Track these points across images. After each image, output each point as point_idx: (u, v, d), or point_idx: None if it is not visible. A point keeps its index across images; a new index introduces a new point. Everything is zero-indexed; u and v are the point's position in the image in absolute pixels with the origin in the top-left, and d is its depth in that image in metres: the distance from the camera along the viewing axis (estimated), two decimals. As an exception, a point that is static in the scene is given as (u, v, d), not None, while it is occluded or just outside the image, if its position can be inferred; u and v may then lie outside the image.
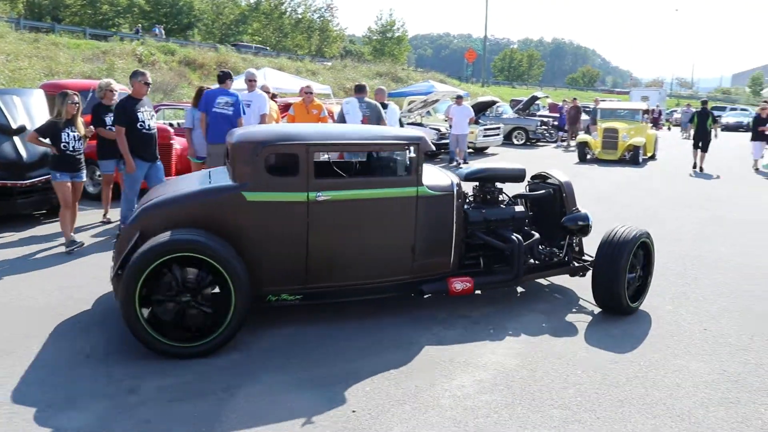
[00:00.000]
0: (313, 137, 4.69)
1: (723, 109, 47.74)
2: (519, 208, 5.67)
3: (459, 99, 16.94)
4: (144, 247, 4.12)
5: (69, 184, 6.89)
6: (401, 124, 11.06)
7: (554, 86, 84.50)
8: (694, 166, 16.38)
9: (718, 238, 8.21)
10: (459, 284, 5.00)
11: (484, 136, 19.39)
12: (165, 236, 4.16)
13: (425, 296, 5.19)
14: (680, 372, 4.09)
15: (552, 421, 3.46)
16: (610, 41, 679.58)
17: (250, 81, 9.44)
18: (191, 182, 4.91)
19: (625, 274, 4.98)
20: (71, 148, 6.84)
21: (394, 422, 3.44)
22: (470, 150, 18.90)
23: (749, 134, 18.01)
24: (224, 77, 8.73)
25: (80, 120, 7.05)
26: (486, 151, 20.31)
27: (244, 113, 8.74)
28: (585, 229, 5.60)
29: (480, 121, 20.61)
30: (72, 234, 6.92)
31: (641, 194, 11.69)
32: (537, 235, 5.58)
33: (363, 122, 9.33)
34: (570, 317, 5.09)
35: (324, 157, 6.11)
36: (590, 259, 5.64)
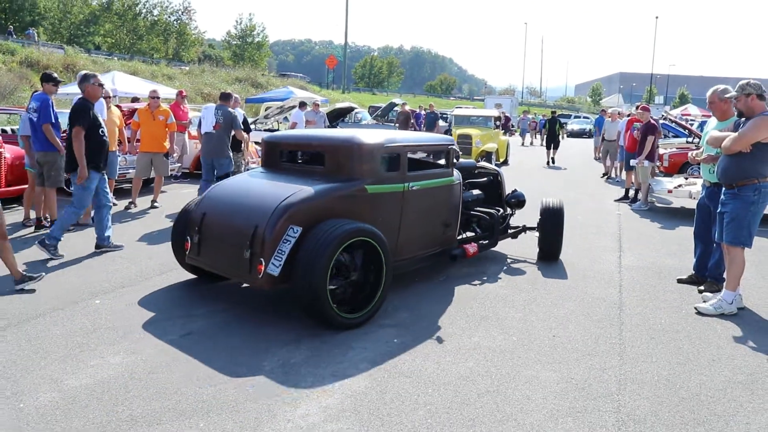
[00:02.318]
0: (406, 141, 5.89)
1: (569, 116, 50.86)
2: (478, 191, 7.43)
3: (303, 105, 16.77)
4: (330, 235, 4.76)
5: None
6: (247, 128, 10.86)
7: (413, 93, 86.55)
8: (548, 162, 21.04)
9: (565, 240, 8.48)
10: (471, 249, 6.53)
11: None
12: (346, 224, 4.91)
13: (455, 260, 6.45)
14: (530, 383, 4.04)
15: (401, 448, 3.27)
16: (466, 51, 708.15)
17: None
18: (262, 185, 5.54)
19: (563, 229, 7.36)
20: None
21: (229, 463, 3.10)
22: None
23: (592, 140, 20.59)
24: (45, 79, 7.93)
25: None
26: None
27: (55, 119, 7.87)
28: (522, 204, 7.57)
29: (338, 127, 20.49)
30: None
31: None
32: (501, 210, 7.45)
33: (215, 128, 9.45)
34: (420, 331, 4.93)
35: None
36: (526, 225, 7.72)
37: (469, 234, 7.01)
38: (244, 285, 5.94)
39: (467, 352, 4.53)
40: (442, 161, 6.47)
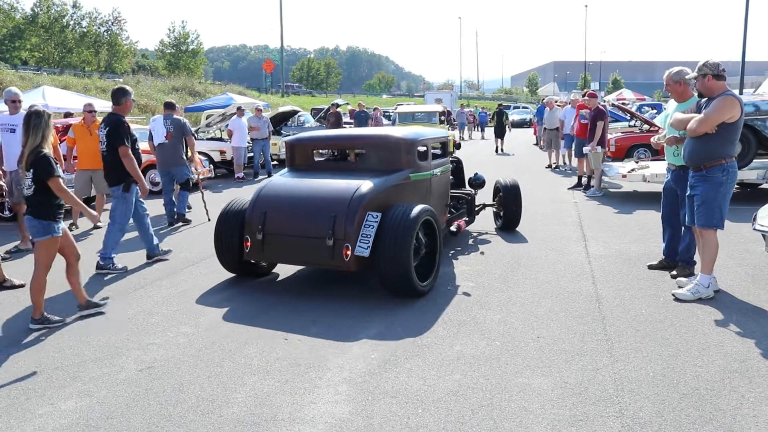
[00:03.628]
0: (428, 135, 6.94)
1: (509, 107, 51.39)
2: (451, 177, 8.02)
3: (240, 111, 16.28)
4: (412, 214, 5.56)
5: None
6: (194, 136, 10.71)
7: (353, 93, 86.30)
8: (496, 150, 23.81)
9: (527, 234, 8.34)
10: (463, 224, 7.48)
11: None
12: (415, 207, 5.69)
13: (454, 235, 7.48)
14: (524, 392, 3.78)
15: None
16: (402, 48, 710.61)
17: (13, 102, 8.12)
18: (325, 181, 6.14)
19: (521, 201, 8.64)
20: None
21: None
22: (275, 162, 18.30)
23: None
24: None
25: None
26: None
27: None
28: (483, 185, 8.58)
29: (282, 131, 20.04)
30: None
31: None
32: (473, 190, 8.51)
33: (167, 138, 9.59)
34: (398, 344, 4.63)
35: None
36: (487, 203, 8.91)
37: (448, 214, 7.77)
38: (203, 306, 5.55)
39: (451, 363, 4.24)
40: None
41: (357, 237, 5.49)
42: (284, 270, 6.79)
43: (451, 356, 4.35)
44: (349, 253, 5.46)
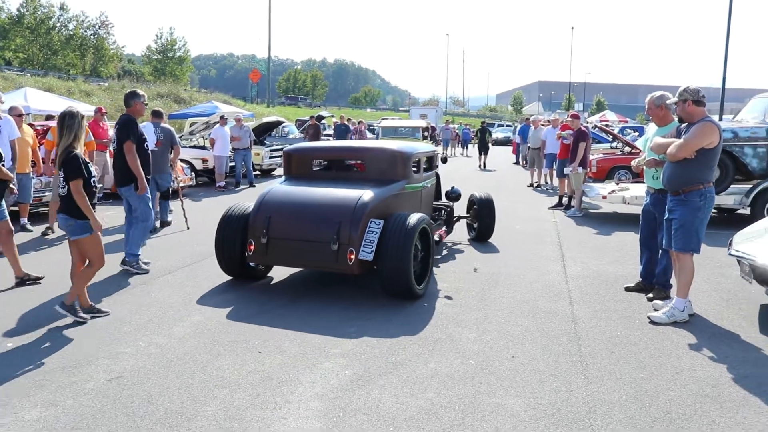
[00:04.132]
0: (420, 150, 7.48)
1: (493, 125, 51.69)
2: None
3: (224, 120, 16.21)
4: (411, 222, 5.98)
5: None
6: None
7: (338, 105, 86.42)
8: (480, 166, 24.42)
9: (506, 252, 8.35)
10: (443, 234, 8.01)
11: (271, 157, 18.80)
12: (414, 216, 6.16)
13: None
14: (497, 412, 3.76)
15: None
16: (389, 63, 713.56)
17: (-7, 103, 8.03)
18: (327, 190, 6.48)
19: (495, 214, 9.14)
20: None
21: None
22: (257, 172, 18.25)
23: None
24: None
25: None
26: (273, 172, 19.73)
27: None
28: (459, 198, 8.96)
29: (266, 142, 20.00)
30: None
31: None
32: (451, 203, 8.93)
33: (157, 145, 9.48)
34: (372, 360, 4.58)
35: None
36: (464, 215, 9.38)
37: None
38: (177, 317, 5.48)
39: (425, 381, 4.21)
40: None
41: (361, 242, 5.85)
42: (263, 282, 6.73)
43: (425, 374, 4.32)
44: (353, 257, 5.80)
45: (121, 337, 4.99)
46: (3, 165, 6.30)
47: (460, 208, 9.66)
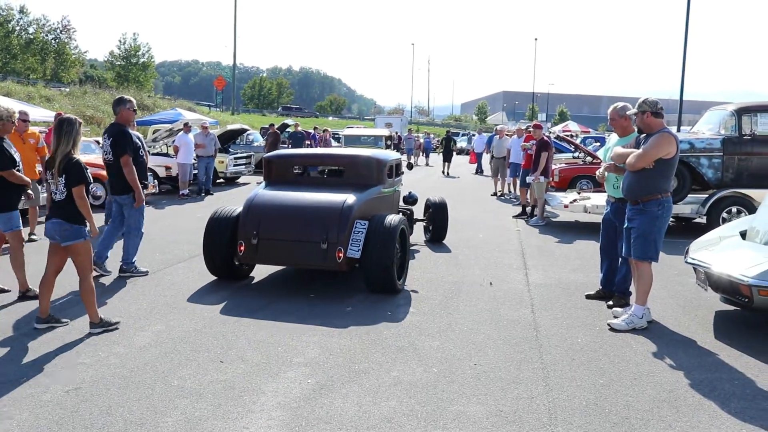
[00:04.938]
0: (392, 157, 8.13)
1: (457, 134, 52.08)
2: None
3: (187, 127, 16.05)
4: (393, 223, 6.54)
5: None
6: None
7: (304, 114, 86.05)
8: (443, 172, 25.67)
9: (469, 260, 8.42)
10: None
11: (235, 165, 18.66)
12: (395, 217, 6.75)
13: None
14: (459, 420, 3.78)
15: None
16: (354, 71, 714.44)
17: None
18: (310, 192, 7.01)
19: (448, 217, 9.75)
20: None
21: None
22: (221, 180, 18.12)
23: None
24: None
25: None
26: (238, 180, 19.59)
27: None
28: (416, 202, 9.33)
29: (230, 149, 19.85)
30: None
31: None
32: (412, 207, 9.42)
33: None
34: (334, 369, 4.57)
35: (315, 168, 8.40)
36: (420, 218, 9.87)
37: None
38: (138, 323, 5.40)
39: (388, 389, 4.22)
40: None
41: (348, 241, 6.32)
42: (225, 292, 6.67)
43: (387, 382, 4.33)
44: (341, 255, 6.28)
45: (81, 347, 4.90)
46: (19, 170, 6.23)
47: (417, 212, 9.95)
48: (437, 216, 9.59)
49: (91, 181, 5.39)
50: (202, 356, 4.74)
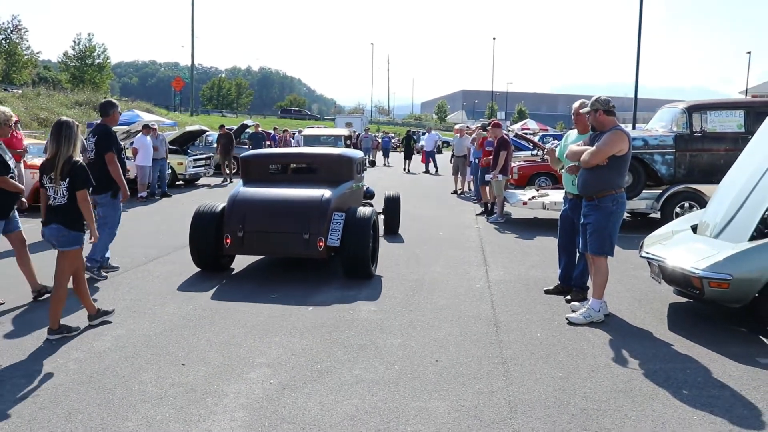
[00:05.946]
0: (359, 155, 9.00)
1: (417, 133, 52.28)
2: None
3: (147, 129, 15.79)
4: (366, 214, 7.22)
5: None
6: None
7: (263, 114, 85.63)
8: (404, 169, 26.88)
9: (430, 258, 8.49)
10: None
11: (194, 166, 18.46)
12: (368, 209, 7.45)
13: None
14: (421, 415, 3.83)
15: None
16: (314, 71, 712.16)
17: None
18: (292, 188, 7.58)
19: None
20: None
21: None
22: (180, 182, 17.92)
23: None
24: None
25: None
26: (198, 182, 19.38)
27: None
28: (373, 197, 10.43)
29: (189, 151, 19.63)
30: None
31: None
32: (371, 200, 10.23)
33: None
34: (297, 368, 4.58)
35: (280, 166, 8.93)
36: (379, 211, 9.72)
37: None
38: (105, 327, 5.32)
39: (350, 387, 4.25)
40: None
41: (328, 231, 6.92)
42: (187, 293, 6.61)
43: (349, 380, 4.36)
44: (322, 244, 6.87)
45: (38, 354, 4.82)
46: (12, 177, 6.11)
47: (376, 206, 10.02)
48: (390, 209, 10.29)
49: (94, 184, 5.44)
50: (163, 360, 4.70)
